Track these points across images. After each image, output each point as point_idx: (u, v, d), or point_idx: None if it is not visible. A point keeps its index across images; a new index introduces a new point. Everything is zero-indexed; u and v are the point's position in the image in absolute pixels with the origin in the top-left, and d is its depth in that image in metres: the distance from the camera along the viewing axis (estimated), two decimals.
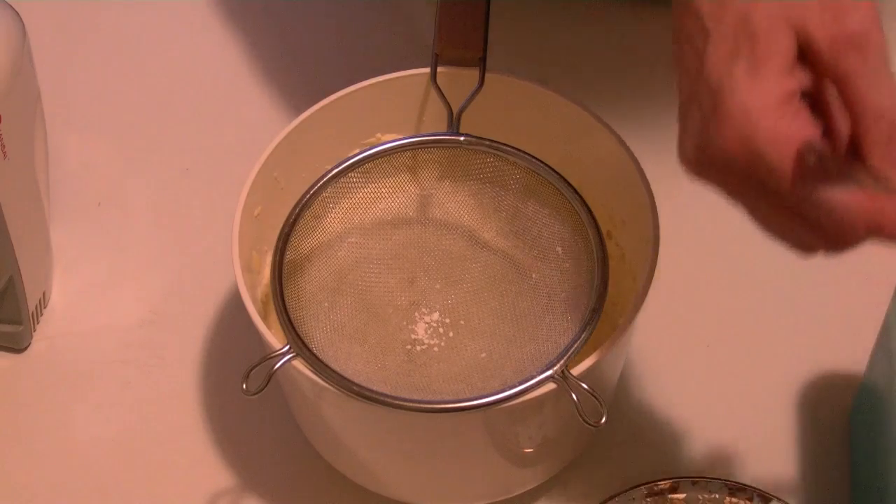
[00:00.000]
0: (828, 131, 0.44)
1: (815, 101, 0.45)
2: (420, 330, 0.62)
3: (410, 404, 0.54)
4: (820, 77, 0.44)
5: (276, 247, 0.60)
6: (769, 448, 0.67)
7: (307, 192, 0.61)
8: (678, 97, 0.48)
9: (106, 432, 0.69)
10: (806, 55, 0.44)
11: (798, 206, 0.44)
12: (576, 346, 0.56)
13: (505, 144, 0.62)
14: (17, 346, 0.72)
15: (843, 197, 0.42)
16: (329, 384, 0.55)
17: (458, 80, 0.64)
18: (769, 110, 0.43)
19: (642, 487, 0.63)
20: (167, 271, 0.76)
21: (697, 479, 0.63)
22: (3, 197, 0.64)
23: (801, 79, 0.44)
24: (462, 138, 0.63)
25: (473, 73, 0.64)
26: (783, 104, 0.43)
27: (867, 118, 0.43)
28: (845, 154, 0.44)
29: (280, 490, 0.67)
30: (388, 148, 0.62)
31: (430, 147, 0.63)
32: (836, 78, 0.43)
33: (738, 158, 0.43)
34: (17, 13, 0.65)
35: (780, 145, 0.42)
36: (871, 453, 0.62)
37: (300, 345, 0.55)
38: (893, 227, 0.42)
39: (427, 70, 0.65)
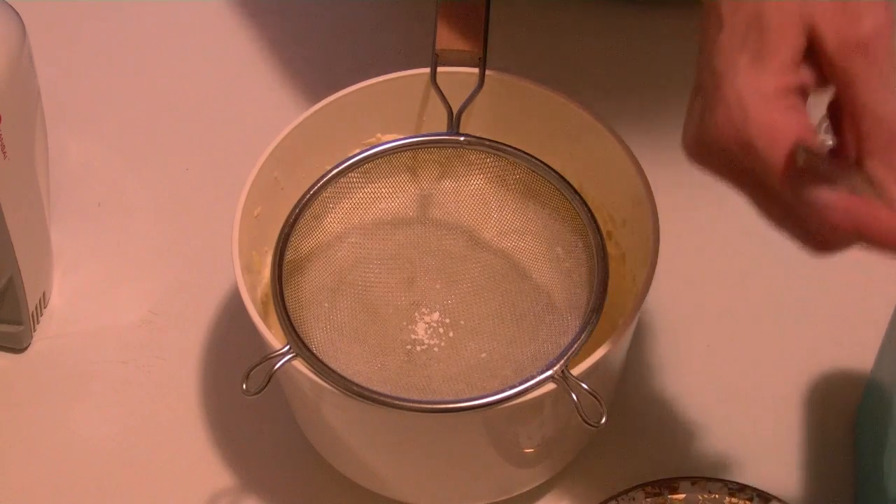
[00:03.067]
0: (837, 141, 0.45)
1: (830, 113, 0.45)
2: (420, 330, 0.62)
3: (410, 404, 0.54)
4: (825, 77, 0.45)
5: (276, 247, 0.60)
6: (773, 447, 0.67)
7: (307, 192, 0.61)
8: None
9: (106, 432, 0.69)
10: (814, 54, 0.44)
11: (787, 201, 0.44)
12: (576, 346, 0.56)
13: (505, 144, 0.62)
14: (17, 346, 0.72)
15: (829, 197, 0.42)
16: (329, 384, 0.55)
17: (458, 80, 0.64)
18: (764, 100, 0.43)
19: (642, 487, 0.63)
20: (167, 271, 0.76)
21: (697, 479, 0.63)
22: (3, 197, 0.64)
23: (805, 77, 0.44)
24: (462, 138, 0.63)
25: (473, 73, 0.64)
26: (780, 97, 0.43)
27: (867, 122, 0.43)
28: (842, 159, 0.44)
29: (280, 490, 0.67)
30: (388, 148, 0.62)
31: (430, 147, 0.63)
32: (841, 80, 0.44)
33: (731, 145, 0.44)
34: (17, 13, 0.65)
35: (769, 136, 0.42)
36: (878, 452, 0.61)
37: (300, 345, 0.55)
38: (878, 234, 0.42)
39: (427, 70, 0.65)
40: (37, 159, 0.69)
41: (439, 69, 0.65)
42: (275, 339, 0.56)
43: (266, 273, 0.64)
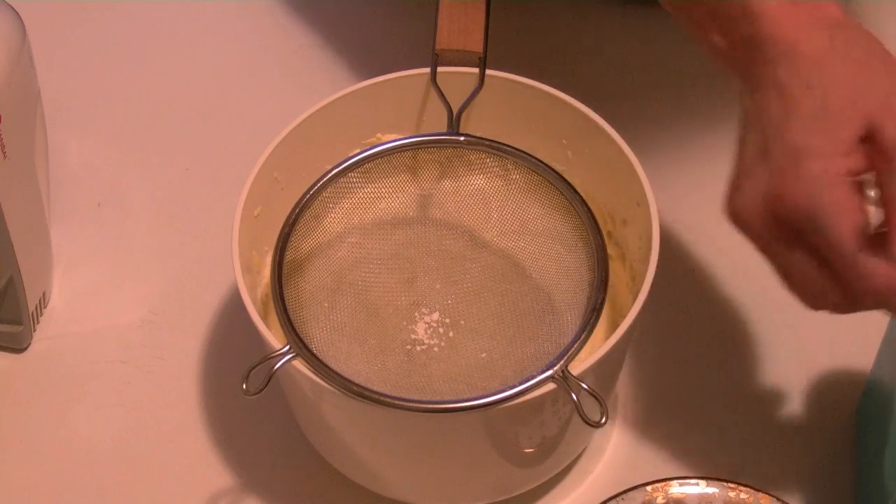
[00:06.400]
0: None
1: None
2: (420, 330, 0.62)
3: (410, 404, 0.54)
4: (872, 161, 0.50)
5: (276, 247, 0.60)
6: (773, 447, 0.67)
7: (307, 192, 0.61)
8: (739, 151, 0.53)
9: (106, 432, 0.69)
10: (869, 141, 0.49)
11: (836, 265, 0.49)
12: (576, 346, 0.56)
13: (505, 144, 0.62)
14: (17, 346, 0.72)
15: (877, 266, 0.48)
16: (329, 384, 0.55)
17: (458, 80, 0.64)
18: (836, 180, 0.49)
19: (642, 487, 0.63)
20: (167, 271, 0.76)
21: (697, 480, 0.63)
22: (3, 197, 0.64)
23: (858, 161, 0.49)
24: (462, 138, 0.63)
25: (473, 73, 0.64)
26: (844, 178, 0.49)
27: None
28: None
29: (280, 490, 0.67)
30: (388, 148, 0.62)
31: (430, 147, 0.63)
32: (886, 170, 0.49)
33: (800, 217, 0.49)
34: (17, 13, 0.65)
35: (839, 212, 0.48)
36: (878, 452, 0.61)
37: (300, 345, 0.55)
38: None
39: (427, 70, 0.65)
40: (37, 159, 0.69)
41: (439, 69, 0.65)
42: (275, 339, 0.56)
43: (266, 273, 0.64)
